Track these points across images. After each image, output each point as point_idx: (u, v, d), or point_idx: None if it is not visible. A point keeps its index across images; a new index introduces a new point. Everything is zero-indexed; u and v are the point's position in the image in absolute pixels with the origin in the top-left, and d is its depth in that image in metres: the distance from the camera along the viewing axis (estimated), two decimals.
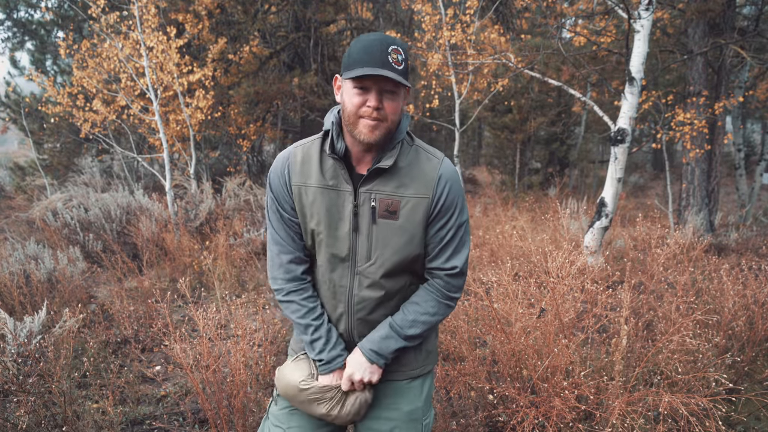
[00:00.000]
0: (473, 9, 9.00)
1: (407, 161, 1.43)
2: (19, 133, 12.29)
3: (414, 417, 1.53)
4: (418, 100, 11.60)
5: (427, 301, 1.48)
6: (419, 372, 1.56)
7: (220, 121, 9.57)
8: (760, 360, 3.28)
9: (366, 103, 1.32)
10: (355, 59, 1.31)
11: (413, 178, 1.42)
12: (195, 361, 2.74)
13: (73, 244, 6.07)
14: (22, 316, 3.84)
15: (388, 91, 1.32)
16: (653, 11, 5.05)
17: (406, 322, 1.46)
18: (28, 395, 2.63)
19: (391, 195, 1.40)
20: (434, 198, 1.42)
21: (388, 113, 1.34)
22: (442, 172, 1.43)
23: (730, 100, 7.60)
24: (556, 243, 5.56)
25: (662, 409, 2.09)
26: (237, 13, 9.07)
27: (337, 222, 1.42)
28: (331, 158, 1.43)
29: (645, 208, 10.51)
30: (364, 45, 1.31)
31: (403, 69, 1.33)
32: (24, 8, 11.85)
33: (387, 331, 1.46)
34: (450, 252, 1.46)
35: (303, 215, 1.47)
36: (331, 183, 1.42)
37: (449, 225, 1.44)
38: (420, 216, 1.41)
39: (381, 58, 1.29)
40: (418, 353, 1.55)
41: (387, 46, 1.30)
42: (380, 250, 1.42)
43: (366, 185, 1.41)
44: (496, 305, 2.91)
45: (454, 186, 1.44)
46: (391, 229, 1.41)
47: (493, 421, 2.65)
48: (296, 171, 1.45)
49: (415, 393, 1.55)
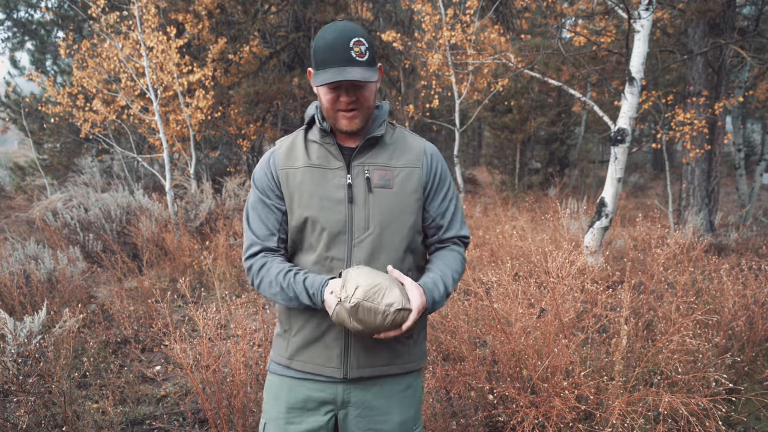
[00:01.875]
0: (473, 9, 9.00)
1: (394, 138, 1.52)
2: (19, 133, 12.30)
3: (406, 428, 1.53)
4: (418, 100, 11.60)
5: (457, 262, 1.54)
6: (413, 367, 1.55)
7: (220, 121, 9.57)
8: (760, 360, 3.28)
9: (339, 98, 1.38)
10: (321, 59, 1.35)
11: (402, 150, 1.50)
12: (195, 361, 2.74)
13: (73, 244, 6.07)
14: (22, 316, 3.84)
15: (359, 85, 1.37)
16: (653, 11, 5.05)
17: (448, 278, 1.47)
18: (28, 395, 2.63)
19: (383, 166, 1.46)
20: (427, 169, 1.50)
21: (363, 102, 1.39)
22: (426, 147, 1.54)
23: (730, 100, 7.60)
24: (556, 243, 5.56)
25: (662, 409, 2.09)
26: (237, 13, 9.07)
27: (331, 196, 1.43)
28: (315, 143, 1.49)
29: (645, 208, 10.51)
30: (328, 43, 1.34)
31: (368, 58, 1.36)
32: (24, 8, 11.85)
33: (435, 281, 1.44)
34: (459, 222, 1.57)
35: (291, 199, 1.46)
36: (318, 162, 1.46)
37: (449, 196, 1.55)
38: (413, 185, 1.47)
39: (344, 55, 1.33)
40: (412, 345, 1.54)
41: (348, 41, 1.33)
42: (378, 218, 1.43)
43: (359, 158, 1.46)
44: (496, 305, 2.91)
45: (441, 161, 1.56)
46: (386, 198, 1.45)
47: (493, 421, 2.65)
48: (282, 158, 1.49)
49: (408, 401, 1.55)
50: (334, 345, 1.47)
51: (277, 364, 1.56)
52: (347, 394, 1.49)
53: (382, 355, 1.48)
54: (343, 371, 1.46)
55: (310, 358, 1.49)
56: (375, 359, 1.48)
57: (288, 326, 1.53)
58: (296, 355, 1.51)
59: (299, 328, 1.50)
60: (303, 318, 1.48)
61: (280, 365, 1.55)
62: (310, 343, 1.49)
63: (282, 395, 1.52)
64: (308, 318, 1.47)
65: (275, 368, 1.57)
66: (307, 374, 1.50)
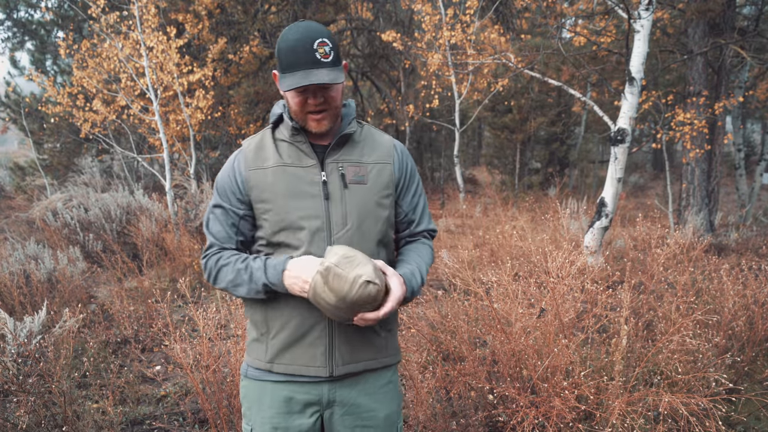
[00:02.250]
0: (473, 9, 9.00)
1: (363, 135, 1.54)
2: (19, 133, 12.30)
3: (390, 422, 1.54)
4: (418, 100, 11.60)
5: (429, 255, 1.59)
6: (391, 361, 1.57)
7: (220, 121, 9.57)
8: (760, 360, 3.28)
9: (307, 101, 1.38)
10: (285, 63, 1.34)
11: (373, 147, 1.52)
12: (195, 361, 2.74)
13: (73, 244, 6.07)
14: (22, 316, 3.83)
15: (325, 86, 1.36)
16: (653, 11, 5.05)
17: (423, 270, 1.51)
18: (28, 395, 2.63)
19: (357, 162, 1.48)
20: (398, 165, 1.53)
21: (331, 102, 1.39)
22: (395, 143, 1.57)
23: (730, 100, 7.60)
24: (556, 243, 5.56)
25: (662, 409, 2.09)
26: (237, 13, 9.07)
27: (307, 194, 1.43)
28: (285, 142, 1.48)
29: (645, 208, 10.51)
30: (290, 46, 1.33)
31: (333, 58, 1.35)
32: (24, 8, 11.85)
33: (413, 272, 1.47)
34: (427, 216, 1.62)
35: (262, 200, 1.44)
36: (290, 161, 1.46)
37: (418, 192, 1.59)
38: (386, 180, 1.49)
39: (309, 57, 1.31)
40: (390, 338, 1.56)
41: (312, 42, 1.31)
42: (355, 214, 1.44)
43: (332, 156, 1.46)
44: (496, 305, 2.91)
45: (410, 157, 1.60)
46: (361, 193, 1.46)
47: (493, 421, 2.65)
48: (250, 157, 1.47)
49: (390, 395, 1.56)
50: (318, 343, 1.44)
51: (256, 369, 1.51)
52: (332, 393, 1.48)
53: (364, 350, 1.48)
54: (329, 369, 1.45)
55: (292, 359, 1.46)
56: (359, 354, 1.48)
57: (265, 329, 1.48)
58: (277, 358, 1.47)
59: (279, 330, 1.46)
60: (282, 319, 1.45)
61: (259, 370, 1.50)
62: (292, 344, 1.46)
63: (265, 400, 1.49)
64: (289, 318, 1.45)
65: (254, 373, 1.52)
66: (289, 376, 1.47)
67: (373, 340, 1.50)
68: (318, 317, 1.44)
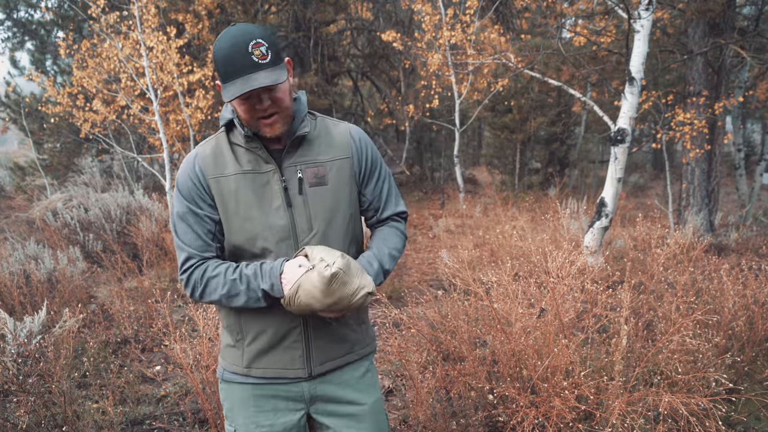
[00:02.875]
0: (473, 9, 9.00)
1: (318, 131, 1.48)
2: (19, 133, 12.30)
3: (378, 407, 1.55)
4: (418, 100, 11.60)
5: (396, 238, 1.54)
6: (368, 350, 1.58)
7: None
8: (760, 360, 3.28)
9: (255, 107, 1.32)
10: (223, 72, 1.28)
11: (329, 144, 1.46)
12: (195, 361, 2.74)
13: (73, 244, 6.07)
14: (22, 316, 3.83)
15: (270, 88, 1.31)
16: (653, 11, 5.05)
17: (383, 255, 1.47)
18: (28, 395, 2.63)
19: (314, 162, 1.43)
20: (357, 156, 1.48)
21: (280, 103, 1.34)
22: (351, 131, 1.50)
23: (730, 100, 7.60)
24: (556, 243, 5.56)
25: (662, 409, 2.09)
26: (237, 13, 9.07)
27: (269, 202, 1.39)
28: (241, 147, 1.42)
29: (645, 208, 10.51)
30: (225, 54, 1.26)
31: (272, 58, 1.28)
32: (24, 8, 11.85)
33: (368, 258, 1.44)
34: (393, 199, 1.57)
35: (226, 209, 1.38)
36: (248, 168, 1.40)
37: (382, 177, 1.54)
38: (347, 176, 1.45)
39: (246, 62, 1.25)
40: (364, 330, 1.57)
41: (246, 46, 1.25)
42: (320, 217, 1.41)
43: (288, 159, 1.42)
44: (496, 305, 2.91)
45: (368, 142, 1.53)
46: (324, 195, 1.42)
47: (493, 421, 2.65)
48: (209, 164, 1.40)
49: (370, 383, 1.56)
50: (295, 347, 1.43)
51: (233, 373, 1.49)
52: (313, 389, 1.47)
53: (341, 346, 1.49)
54: (308, 370, 1.45)
55: (270, 364, 1.44)
56: (335, 352, 1.48)
57: (240, 336, 1.45)
58: (254, 363, 1.45)
59: (255, 337, 1.43)
60: (259, 325, 1.42)
61: (237, 374, 1.48)
62: (268, 350, 1.43)
63: (248, 401, 1.47)
64: (265, 325, 1.42)
65: (231, 377, 1.49)
66: (269, 379, 1.46)
67: (348, 335, 1.50)
68: (294, 322, 1.42)
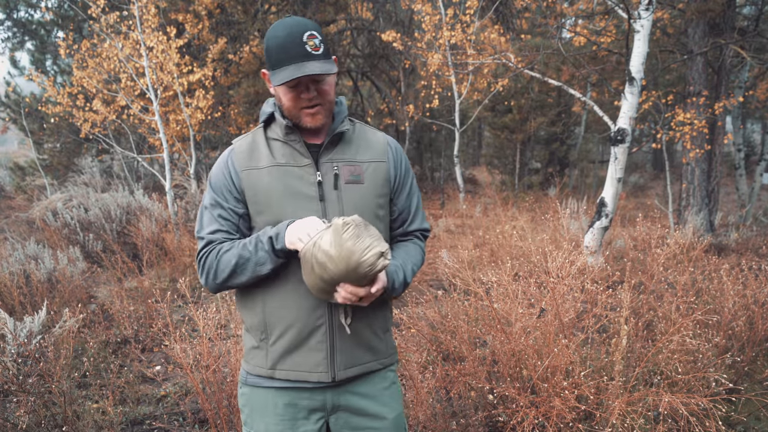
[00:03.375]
0: (473, 9, 9.00)
1: (356, 134, 1.51)
2: (19, 133, 12.30)
3: (399, 423, 1.53)
4: (418, 100, 11.60)
5: (419, 255, 1.56)
6: (390, 360, 1.56)
7: (220, 121, 9.57)
8: (760, 360, 3.28)
9: (301, 95, 1.35)
10: (276, 59, 1.32)
11: (366, 146, 1.50)
12: (195, 361, 2.74)
13: (73, 244, 6.07)
14: (22, 316, 3.83)
15: (318, 80, 1.35)
16: (653, 11, 5.04)
17: (408, 268, 1.47)
18: (28, 395, 2.63)
19: (351, 162, 1.45)
20: (393, 163, 1.51)
21: (324, 96, 1.38)
22: (389, 141, 1.54)
23: (730, 100, 7.60)
24: (556, 243, 5.56)
25: (662, 409, 2.09)
26: (237, 13, 9.07)
27: (302, 194, 1.40)
28: (278, 141, 1.45)
29: (645, 208, 10.51)
30: (280, 42, 1.31)
31: (324, 51, 1.33)
32: (24, 8, 11.86)
33: (395, 264, 1.44)
34: (421, 215, 1.60)
35: (256, 201, 1.41)
36: (283, 161, 1.42)
37: (412, 191, 1.57)
38: (381, 179, 1.47)
39: (299, 51, 1.29)
40: (388, 339, 1.56)
41: (302, 36, 1.30)
42: (351, 214, 1.39)
43: (326, 155, 1.44)
44: (496, 305, 2.91)
45: (404, 154, 1.58)
46: (358, 193, 1.43)
47: (493, 421, 2.65)
48: (243, 158, 1.43)
49: (395, 396, 1.55)
50: (320, 348, 1.41)
51: (257, 377, 1.47)
52: (336, 399, 1.46)
53: (365, 352, 1.48)
54: (332, 374, 1.42)
55: (294, 366, 1.42)
56: (360, 357, 1.46)
57: (264, 335, 1.44)
58: (278, 364, 1.43)
59: (279, 335, 1.42)
60: (283, 324, 1.42)
61: (261, 377, 1.46)
62: (292, 349, 1.42)
63: (268, 407, 1.46)
64: (290, 323, 1.41)
65: (254, 380, 1.48)
66: (292, 383, 1.44)
67: (373, 341, 1.49)
68: (320, 320, 1.41)
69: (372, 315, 1.47)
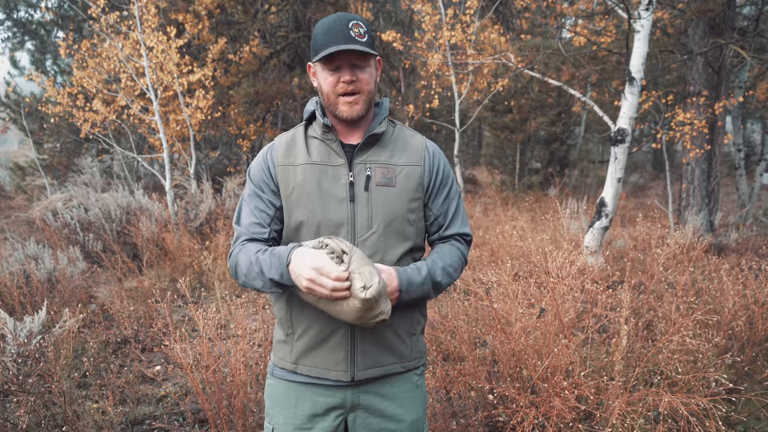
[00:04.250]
0: (473, 9, 9.00)
1: (395, 135, 1.51)
2: (19, 133, 12.30)
3: (416, 428, 1.53)
4: (418, 100, 11.60)
5: (454, 255, 1.51)
6: (415, 364, 1.54)
7: (220, 121, 9.57)
8: (760, 360, 3.28)
9: (340, 80, 1.37)
10: (321, 43, 1.36)
11: (403, 149, 1.49)
12: (195, 361, 2.74)
13: (73, 244, 6.06)
14: (22, 316, 3.84)
15: (359, 66, 1.37)
16: (653, 11, 5.04)
17: (437, 267, 1.45)
18: (28, 395, 2.63)
19: (385, 164, 1.45)
20: (429, 168, 1.49)
21: (363, 85, 1.39)
22: (427, 145, 1.53)
23: (730, 100, 7.60)
24: (556, 243, 5.56)
25: (662, 409, 2.09)
26: (237, 13, 9.07)
27: (333, 194, 1.42)
28: (316, 139, 1.47)
29: (645, 208, 10.51)
30: (326, 28, 1.36)
31: (368, 41, 1.37)
32: (24, 8, 11.86)
33: (418, 265, 1.43)
34: (460, 220, 1.56)
35: (290, 196, 1.43)
36: (318, 159, 1.45)
37: (452, 195, 1.54)
38: (414, 183, 1.46)
39: (344, 34, 1.33)
40: (414, 343, 1.54)
41: (348, 23, 1.35)
42: (381, 216, 1.42)
43: (360, 156, 1.45)
44: (496, 305, 2.91)
45: (443, 159, 1.55)
46: (389, 196, 1.43)
47: (493, 421, 2.65)
48: (281, 154, 1.47)
49: (417, 401, 1.54)
50: (340, 348, 1.44)
51: (282, 369, 1.51)
52: (356, 397, 1.47)
53: (387, 355, 1.47)
54: (350, 373, 1.44)
55: (315, 363, 1.45)
56: (380, 359, 1.46)
57: (291, 330, 1.48)
58: (301, 360, 1.47)
59: (303, 332, 1.46)
60: (307, 321, 1.44)
61: (285, 370, 1.51)
62: (315, 346, 1.45)
63: (290, 401, 1.49)
64: (312, 320, 1.44)
65: (280, 373, 1.52)
66: (313, 379, 1.47)
67: (395, 345, 1.48)
68: (340, 321, 1.41)
69: (395, 318, 1.45)
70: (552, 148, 12.87)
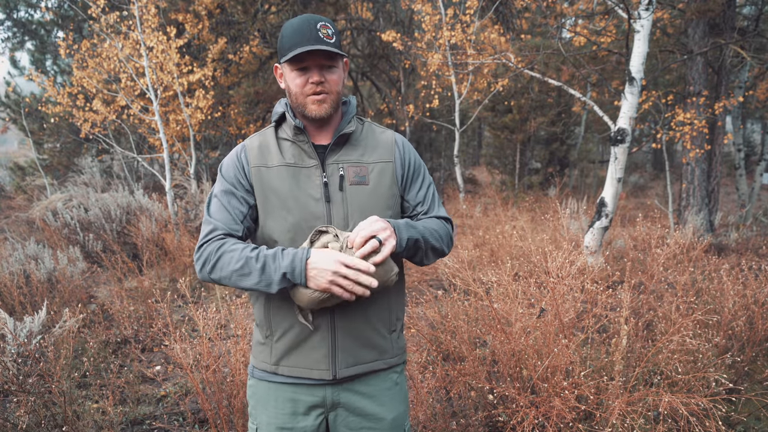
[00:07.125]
0: (473, 9, 9.00)
1: (364, 133, 1.53)
2: (19, 133, 12.30)
3: (397, 425, 1.53)
4: (418, 100, 11.60)
5: (438, 224, 1.51)
6: (397, 361, 1.55)
7: (220, 121, 9.57)
8: (760, 360, 3.28)
9: (308, 81, 1.38)
10: (289, 44, 1.36)
11: (374, 146, 1.50)
12: (195, 361, 2.74)
13: (73, 244, 6.07)
14: (22, 316, 3.84)
15: (326, 66, 1.38)
16: (653, 11, 5.05)
17: (423, 226, 1.45)
18: (28, 395, 2.63)
19: (357, 163, 1.46)
20: (400, 161, 1.51)
21: (332, 86, 1.40)
22: (396, 138, 1.55)
23: (730, 100, 7.60)
24: (556, 243, 5.56)
25: (662, 409, 2.09)
26: (237, 13, 9.07)
27: (308, 195, 1.42)
28: (287, 141, 1.48)
29: (645, 208, 10.51)
30: (294, 29, 1.36)
31: (336, 42, 1.38)
32: (24, 8, 11.86)
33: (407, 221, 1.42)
34: (437, 205, 1.57)
35: (265, 199, 1.42)
36: (293, 161, 1.45)
37: (425, 184, 1.56)
38: (388, 180, 1.48)
39: (312, 35, 1.34)
40: (395, 339, 1.54)
41: (315, 24, 1.35)
42: (357, 215, 1.42)
43: (332, 156, 1.46)
44: (496, 305, 2.91)
45: (412, 149, 1.58)
46: (363, 195, 1.44)
47: (493, 421, 2.65)
48: (254, 155, 1.46)
49: (397, 397, 1.55)
50: (321, 346, 1.43)
51: (262, 371, 1.51)
52: (336, 395, 1.47)
53: (368, 352, 1.48)
54: (332, 372, 1.44)
55: (296, 362, 1.45)
56: (362, 356, 1.47)
57: (269, 332, 1.47)
58: (282, 361, 1.47)
59: (283, 333, 1.45)
60: (287, 322, 1.44)
61: (265, 372, 1.50)
62: (295, 346, 1.45)
63: (270, 401, 1.50)
64: (292, 322, 1.43)
65: (260, 374, 1.52)
66: (294, 378, 1.47)
67: (376, 341, 1.49)
68: (320, 320, 1.42)
69: (372, 313, 1.46)
70: (552, 148, 12.87)
